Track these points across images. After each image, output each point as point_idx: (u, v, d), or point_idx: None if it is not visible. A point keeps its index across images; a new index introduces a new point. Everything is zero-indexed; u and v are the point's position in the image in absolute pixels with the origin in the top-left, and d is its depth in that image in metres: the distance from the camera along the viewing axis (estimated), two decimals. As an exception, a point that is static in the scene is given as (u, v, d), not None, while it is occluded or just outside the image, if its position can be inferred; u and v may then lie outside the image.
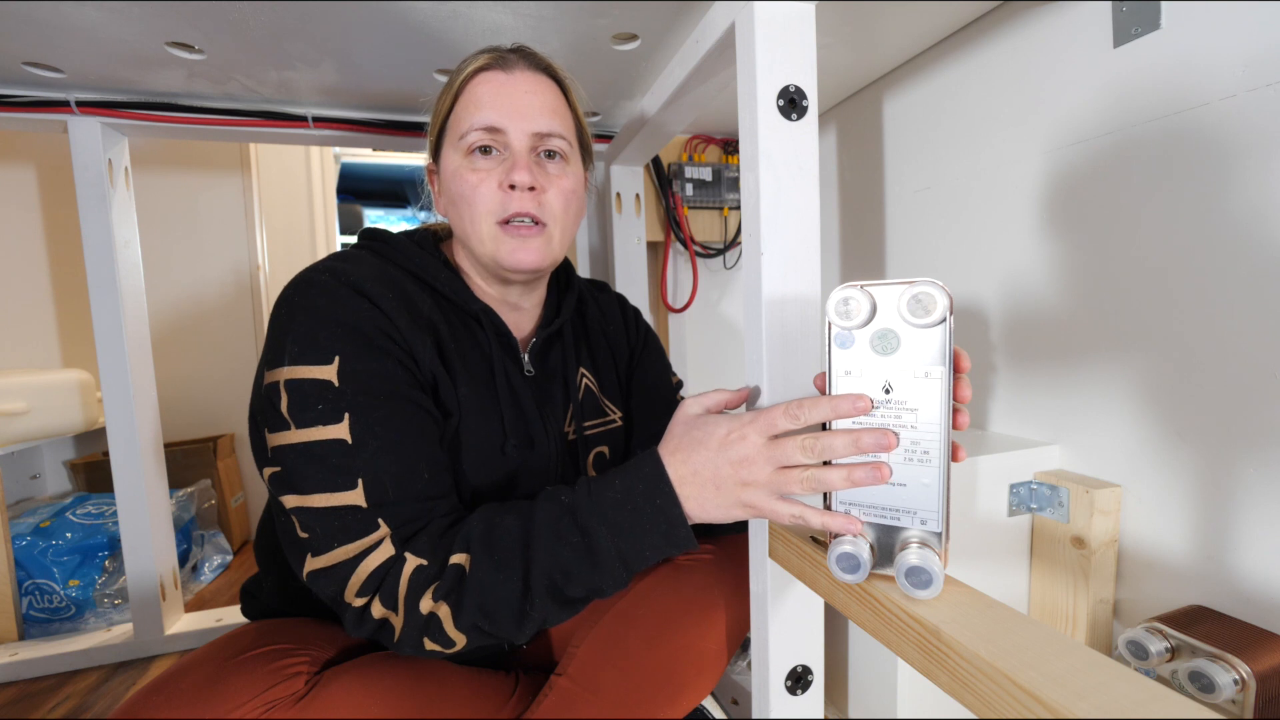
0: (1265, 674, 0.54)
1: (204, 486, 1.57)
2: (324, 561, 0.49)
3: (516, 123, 0.58)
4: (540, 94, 0.60)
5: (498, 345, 0.62)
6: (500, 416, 0.60)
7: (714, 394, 0.54)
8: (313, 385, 0.50)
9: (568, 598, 0.49)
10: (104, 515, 1.28)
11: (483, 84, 0.59)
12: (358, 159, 2.66)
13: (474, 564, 0.48)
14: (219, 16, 0.76)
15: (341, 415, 0.49)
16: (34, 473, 1.52)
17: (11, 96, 0.96)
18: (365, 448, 0.49)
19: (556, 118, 0.61)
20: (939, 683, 0.37)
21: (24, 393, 1.23)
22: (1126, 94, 0.70)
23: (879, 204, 1.12)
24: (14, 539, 1.16)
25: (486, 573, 0.48)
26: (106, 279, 1.04)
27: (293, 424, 0.49)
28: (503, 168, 0.59)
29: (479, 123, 0.58)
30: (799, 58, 0.57)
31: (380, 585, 0.48)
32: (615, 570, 0.49)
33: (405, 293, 0.57)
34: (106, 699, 1.01)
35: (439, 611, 0.47)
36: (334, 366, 0.50)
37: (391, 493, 0.50)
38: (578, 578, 0.48)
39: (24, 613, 1.17)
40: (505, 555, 0.48)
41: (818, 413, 0.44)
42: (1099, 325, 0.74)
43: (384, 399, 0.52)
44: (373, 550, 0.48)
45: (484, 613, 0.48)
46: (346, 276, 0.54)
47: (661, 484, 0.49)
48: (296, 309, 0.52)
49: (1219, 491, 0.63)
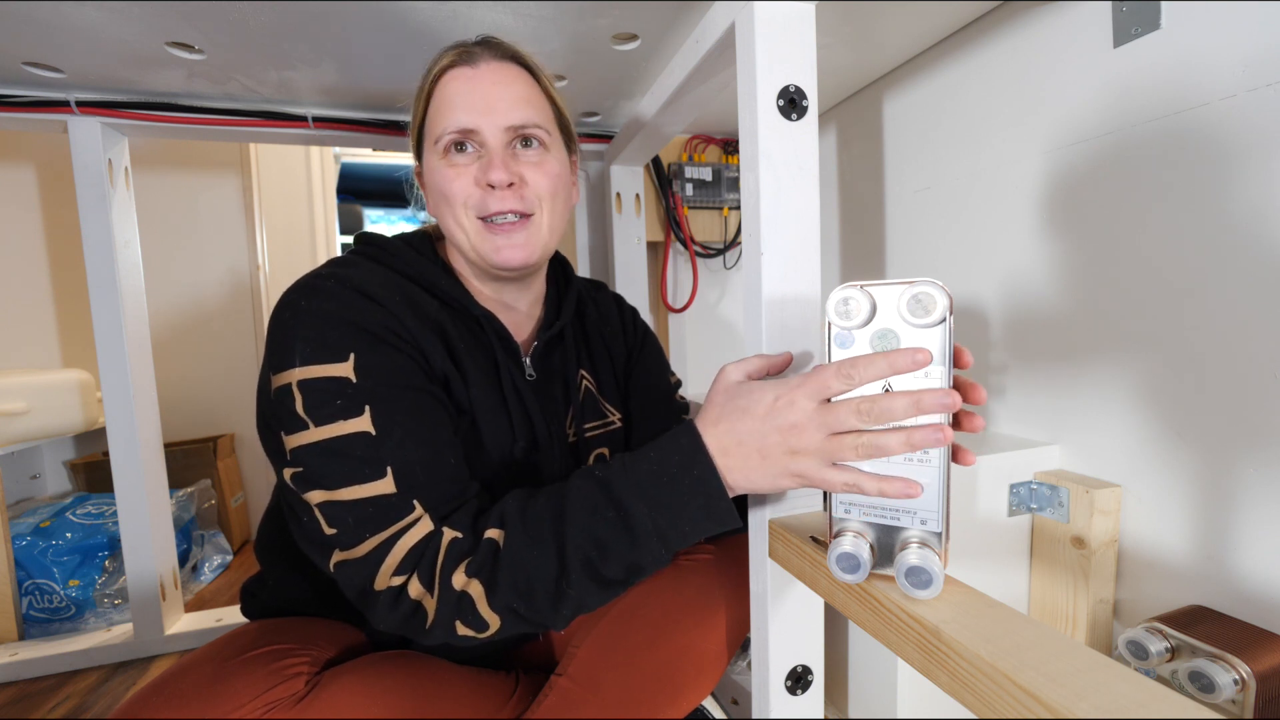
0: (1265, 674, 0.54)
1: (204, 486, 1.57)
2: (355, 553, 0.48)
3: (488, 119, 0.57)
4: (509, 84, 0.59)
5: (501, 349, 0.62)
6: (509, 418, 0.61)
7: (754, 359, 0.51)
8: (329, 383, 0.50)
9: (605, 577, 0.47)
10: (104, 515, 1.28)
11: (450, 82, 0.58)
12: (358, 159, 2.66)
13: (508, 540, 0.47)
14: (219, 16, 0.76)
15: (362, 408, 0.49)
16: (34, 473, 1.52)
17: (11, 96, 0.96)
18: (390, 436, 0.49)
19: (530, 107, 0.60)
20: (939, 683, 0.37)
21: (24, 393, 1.23)
22: (1126, 94, 0.70)
23: (879, 204, 1.12)
24: (14, 539, 1.16)
25: (521, 548, 0.46)
26: (106, 279, 1.04)
27: (311, 423, 0.49)
28: (479, 165, 0.58)
29: (451, 125, 0.57)
30: (799, 58, 0.57)
31: (419, 561, 0.47)
32: (653, 546, 0.47)
33: (410, 296, 0.57)
34: (106, 699, 1.01)
35: (471, 590, 0.46)
36: (349, 363, 0.50)
37: (423, 477, 0.49)
38: (615, 554, 0.46)
39: (24, 613, 1.17)
40: (539, 531, 0.47)
41: (873, 370, 0.40)
42: (1099, 325, 0.74)
43: (403, 389, 0.52)
44: (410, 528, 0.48)
45: (518, 592, 0.46)
46: (350, 281, 0.54)
47: (699, 455, 0.46)
48: (301, 312, 0.52)
49: (1219, 491, 0.63)
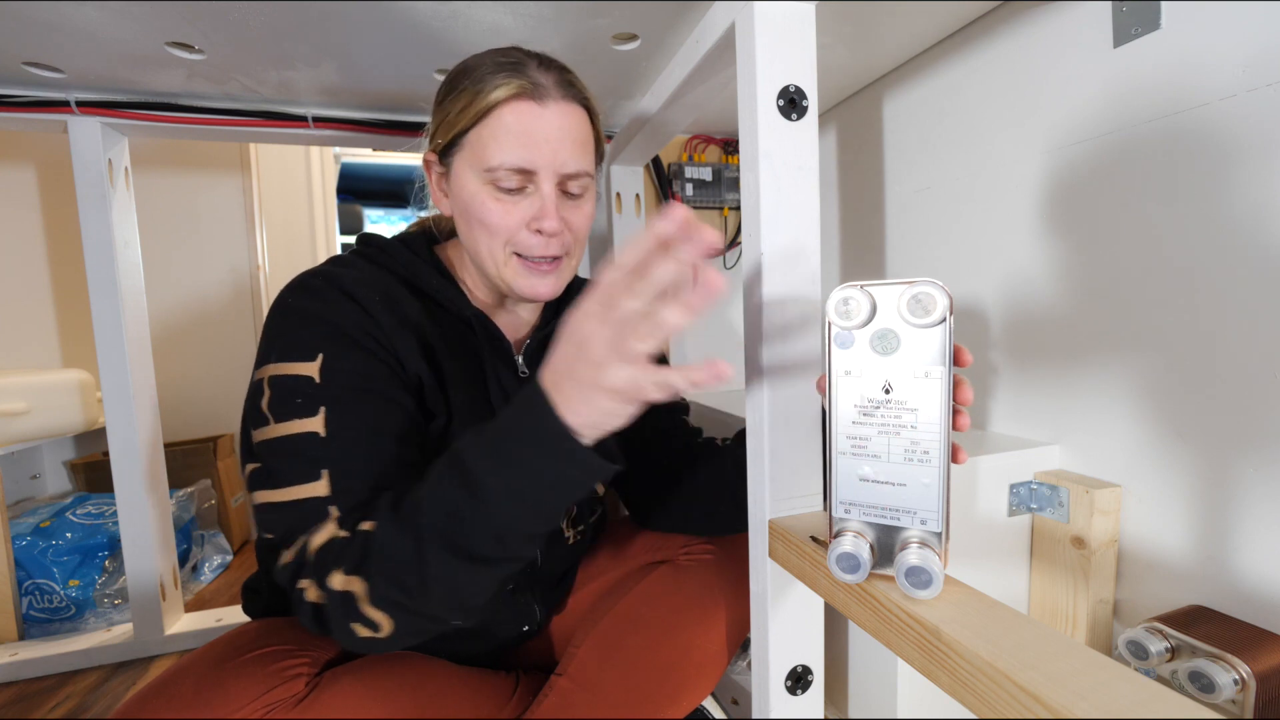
0: (1265, 674, 0.54)
1: (204, 486, 1.57)
2: (284, 556, 0.48)
3: (548, 163, 0.56)
4: (572, 130, 0.57)
5: (489, 349, 0.62)
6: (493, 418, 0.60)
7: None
8: (295, 380, 0.51)
9: (473, 552, 0.43)
10: (104, 515, 1.28)
11: (514, 114, 0.55)
12: (358, 159, 2.67)
13: (377, 529, 0.45)
14: (219, 16, 0.76)
15: (318, 409, 0.50)
16: (34, 473, 1.52)
17: (11, 96, 0.96)
18: (336, 440, 0.50)
19: (585, 153, 0.59)
20: (939, 683, 0.37)
21: (24, 393, 1.23)
22: (1126, 94, 0.69)
23: (879, 204, 1.12)
24: (14, 539, 1.16)
25: (386, 536, 0.44)
26: (106, 279, 1.04)
27: (272, 419, 0.50)
28: (530, 205, 0.57)
29: (510, 161, 0.55)
30: (799, 58, 0.57)
31: (316, 564, 0.46)
32: (508, 508, 0.43)
33: (392, 297, 0.58)
34: (106, 699, 1.01)
35: (353, 588, 0.44)
36: (317, 363, 0.51)
37: (355, 483, 0.49)
38: (471, 522, 0.43)
39: (24, 613, 1.17)
40: (402, 514, 0.45)
41: (639, 246, 0.37)
42: (1099, 325, 0.74)
43: (363, 394, 0.52)
44: (318, 533, 0.47)
45: (391, 581, 0.44)
46: (336, 279, 0.55)
47: (536, 397, 0.42)
48: (288, 310, 0.54)
49: (1219, 491, 0.63)
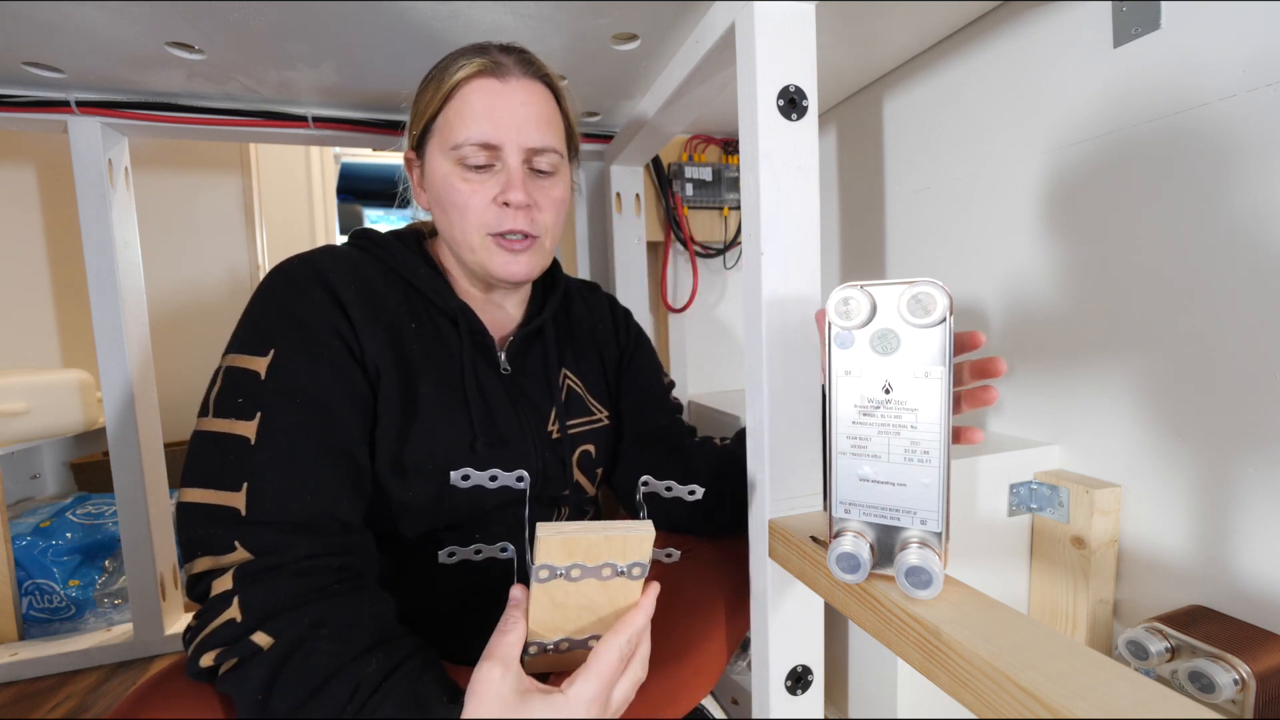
0: (1265, 674, 0.54)
1: (204, 486, 1.57)
2: (191, 567, 0.45)
3: (512, 138, 0.58)
4: (535, 105, 0.59)
5: (470, 344, 0.62)
6: (469, 415, 0.60)
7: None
8: (243, 375, 0.50)
9: None
10: (104, 515, 1.28)
11: (476, 92, 0.57)
12: (358, 159, 2.67)
13: (272, 652, 0.41)
14: (219, 16, 0.76)
15: (255, 413, 0.48)
16: (34, 473, 1.52)
17: (11, 96, 0.96)
18: (262, 451, 0.47)
19: (551, 130, 0.60)
20: (939, 683, 0.37)
21: (24, 393, 1.22)
22: (1126, 94, 0.69)
23: (879, 204, 1.12)
24: (14, 539, 1.16)
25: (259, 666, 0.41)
26: (106, 279, 1.04)
27: (212, 411, 0.49)
28: (496, 182, 0.58)
29: (474, 137, 0.57)
30: (799, 58, 0.57)
31: (202, 616, 0.43)
32: None
33: (372, 288, 0.58)
34: (106, 699, 1.01)
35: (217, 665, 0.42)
36: (267, 359, 0.50)
37: (266, 509, 0.46)
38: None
39: (24, 613, 1.17)
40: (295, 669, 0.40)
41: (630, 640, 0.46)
42: (1099, 325, 0.74)
43: (301, 407, 0.50)
44: (220, 575, 0.44)
45: (245, 697, 0.41)
46: (315, 265, 0.55)
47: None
48: (261, 295, 0.54)
49: (1219, 491, 0.63)
